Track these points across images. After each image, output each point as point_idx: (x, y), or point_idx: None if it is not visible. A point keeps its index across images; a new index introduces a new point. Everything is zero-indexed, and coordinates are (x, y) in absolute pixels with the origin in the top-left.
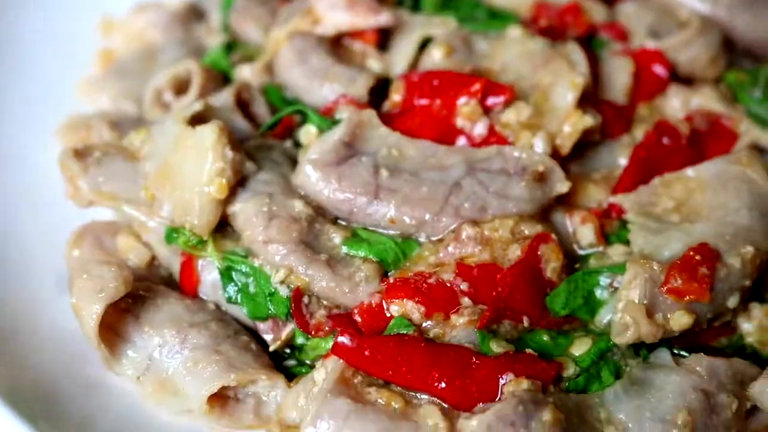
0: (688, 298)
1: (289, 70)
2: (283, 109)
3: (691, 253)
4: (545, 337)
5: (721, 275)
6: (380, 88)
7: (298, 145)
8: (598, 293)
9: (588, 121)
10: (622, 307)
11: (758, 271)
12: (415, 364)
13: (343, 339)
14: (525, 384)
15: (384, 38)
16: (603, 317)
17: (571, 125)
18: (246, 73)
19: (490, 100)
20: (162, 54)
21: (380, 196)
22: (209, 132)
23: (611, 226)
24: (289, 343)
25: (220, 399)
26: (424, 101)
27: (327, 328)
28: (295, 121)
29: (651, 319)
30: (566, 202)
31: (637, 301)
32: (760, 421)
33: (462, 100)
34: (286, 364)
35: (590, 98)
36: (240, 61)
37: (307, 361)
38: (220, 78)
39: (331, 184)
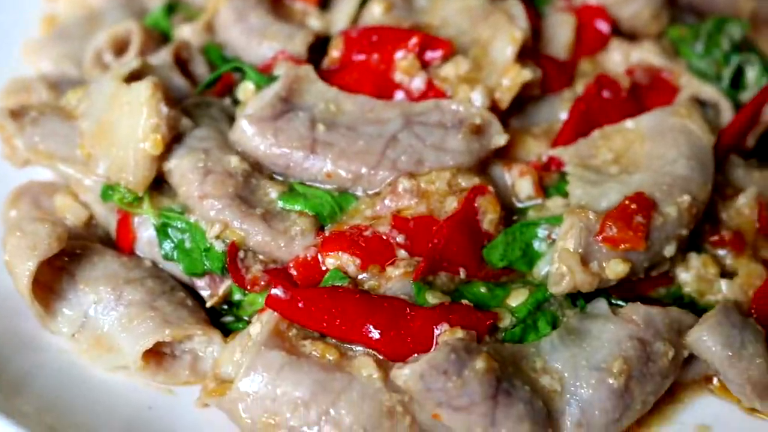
0: (623, 246)
1: (228, 28)
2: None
3: (627, 202)
4: (482, 289)
5: (657, 224)
6: (321, 47)
7: (237, 102)
8: (536, 245)
9: (527, 74)
10: (558, 256)
11: (695, 220)
12: (349, 316)
13: (277, 291)
14: (459, 334)
15: None
16: (541, 269)
17: (510, 79)
18: (186, 33)
19: (428, 55)
20: (105, 17)
21: (317, 151)
22: (144, 88)
23: (550, 179)
24: (227, 299)
25: (157, 355)
26: (362, 56)
27: (263, 283)
28: (235, 79)
29: (586, 267)
30: (505, 155)
31: (572, 250)
32: (697, 370)
33: (399, 55)
34: (224, 320)
35: (530, 53)
36: (182, 21)
37: (245, 317)
38: (160, 39)
39: (267, 139)
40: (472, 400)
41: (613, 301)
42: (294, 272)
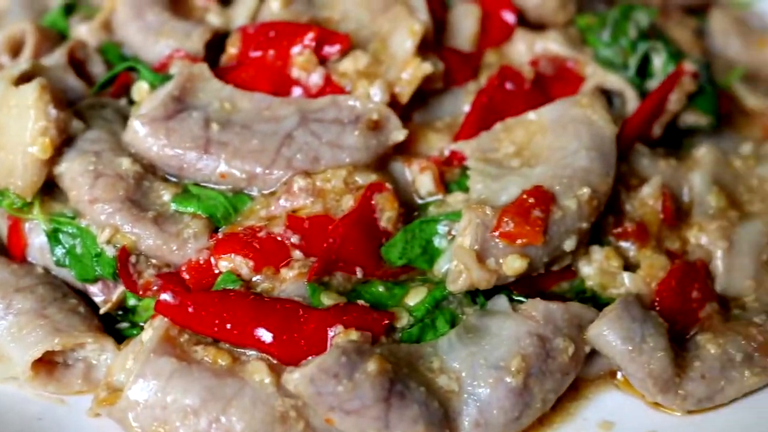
0: (520, 241)
1: (125, 26)
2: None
3: (525, 196)
4: (380, 288)
5: (556, 218)
6: (221, 43)
7: (133, 102)
8: (437, 242)
9: (427, 68)
10: (453, 253)
11: (596, 212)
12: (240, 320)
13: (166, 296)
14: (354, 335)
15: None
16: (441, 266)
17: (410, 73)
18: (82, 32)
19: (326, 50)
20: (6, 18)
21: (210, 151)
22: (31, 90)
23: (452, 174)
24: (122, 305)
25: (48, 364)
26: (258, 53)
27: (155, 288)
28: (132, 78)
29: (483, 264)
30: (407, 151)
31: (467, 247)
32: (601, 365)
33: (296, 50)
34: (119, 326)
35: (432, 45)
36: (81, 20)
37: (140, 323)
38: (58, 39)
39: (160, 140)
40: (363, 404)
41: (515, 297)
42: (187, 276)
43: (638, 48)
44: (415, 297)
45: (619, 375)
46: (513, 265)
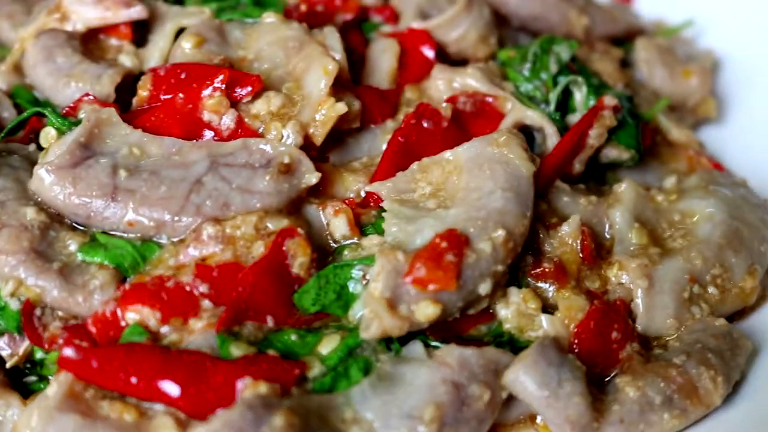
0: (432, 287)
1: (35, 69)
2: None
3: (438, 240)
4: (293, 337)
5: (470, 261)
6: (134, 85)
7: (42, 148)
8: (352, 287)
9: (341, 108)
10: (364, 301)
11: (513, 254)
12: (146, 373)
13: (68, 351)
14: (263, 388)
15: (143, 32)
16: (356, 312)
17: (324, 113)
18: None
19: (238, 91)
20: None
21: (117, 198)
22: None
23: (368, 216)
24: (30, 358)
25: None
26: (169, 95)
27: (61, 341)
28: (43, 123)
29: (394, 311)
30: (323, 193)
31: (378, 294)
32: (521, 409)
33: (206, 92)
34: (28, 380)
35: (348, 83)
36: None
37: (49, 376)
38: None
39: (66, 188)
40: None
41: (431, 343)
42: (93, 329)
43: (559, 82)
44: (328, 345)
45: (539, 419)
46: (426, 311)
